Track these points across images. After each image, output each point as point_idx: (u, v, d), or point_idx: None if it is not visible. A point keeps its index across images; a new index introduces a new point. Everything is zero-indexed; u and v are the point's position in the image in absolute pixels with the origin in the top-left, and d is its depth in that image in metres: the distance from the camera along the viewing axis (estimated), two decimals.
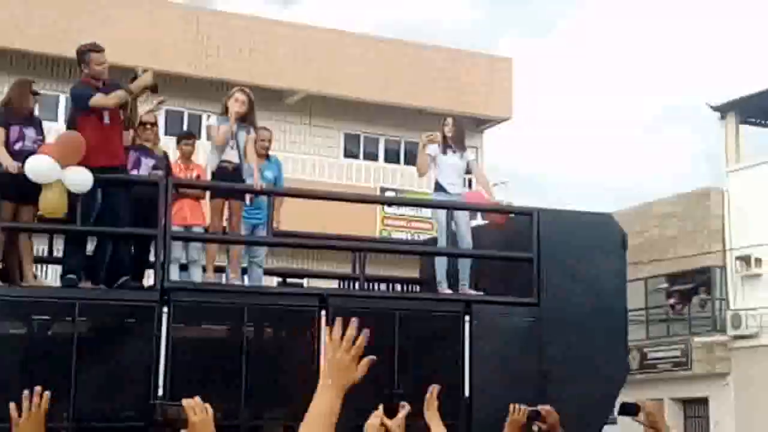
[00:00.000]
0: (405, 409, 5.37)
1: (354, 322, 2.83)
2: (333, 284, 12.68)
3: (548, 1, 77.96)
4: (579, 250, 9.52)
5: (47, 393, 3.23)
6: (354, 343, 2.83)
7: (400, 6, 70.15)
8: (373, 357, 2.94)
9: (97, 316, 8.58)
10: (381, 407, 5.08)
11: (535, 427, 6.43)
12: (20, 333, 8.62)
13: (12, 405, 3.29)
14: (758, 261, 24.14)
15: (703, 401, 25.43)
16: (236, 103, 9.47)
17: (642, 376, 25.94)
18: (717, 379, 24.92)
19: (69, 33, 14.60)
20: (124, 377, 8.18)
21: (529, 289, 9.35)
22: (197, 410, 3.43)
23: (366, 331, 2.83)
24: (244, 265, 10.00)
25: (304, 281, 14.61)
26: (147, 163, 9.25)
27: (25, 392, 3.21)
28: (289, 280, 12.37)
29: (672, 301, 26.84)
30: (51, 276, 12.37)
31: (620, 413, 6.19)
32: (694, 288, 26.39)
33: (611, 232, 9.97)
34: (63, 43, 9.32)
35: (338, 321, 2.83)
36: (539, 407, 6.48)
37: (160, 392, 8.06)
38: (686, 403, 26.08)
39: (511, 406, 6.22)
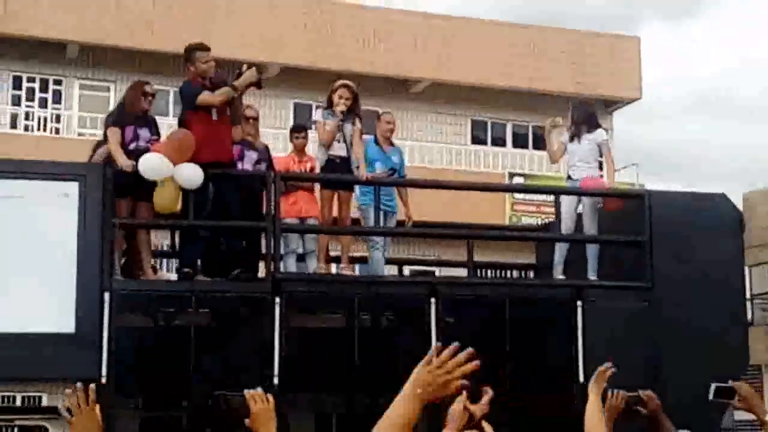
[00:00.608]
0: (488, 394, 5.36)
1: (469, 351, 2.80)
2: (453, 271, 12.68)
3: None
4: (693, 232, 9.28)
5: (92, 386, 3.28)
6: (460, 367, 2.81)
7: None
8: (467, 383, 2.91)
9: (213, 307, 8.75)
10: (465, 392, 5.10)
11: (639, 414, 6.33)
12: (141, 325, 8.85)
13: (61, 406, 3.36)
14: None
15: None
16: (341, 99, 9.47)
17: None
18: None
19: (194, 30, 14.95)
20: (239, 365, 8.30)
21: (641, 273, 9.16)
22: (258, 400, 3.52)
23: (476, 363, 2.77)
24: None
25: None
26: (251, 156, 9.34)
27: (79, 384, 3.27)
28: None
29: None
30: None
31: (715, 397, 6.00)
32: None
33: (727, 213, 9.66)
34: (188, 41, 9.48)
35: (453, 345, 2.77)
36: (640, 392, 6.36)
37: (275, 380, 8.13)
38: None
39: (610, 392, 6.15)
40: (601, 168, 15.15)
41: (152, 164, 8.25)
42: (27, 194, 8.07)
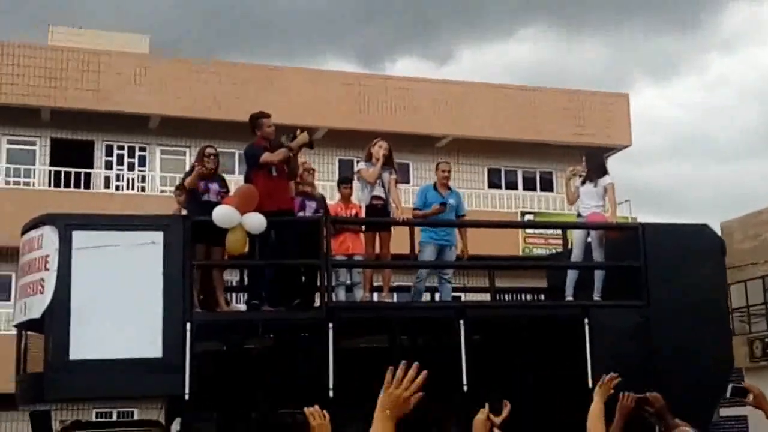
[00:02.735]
0: (507, 407, 5.28)
1: (415, 366, 2.78)
2: (477, 296, 12.57)
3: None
4: (682, 257, 9.21)
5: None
6: (413, 382, 2.79)
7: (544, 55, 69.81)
8: (422, 393, 2.78)
9: (277, 333, 8.78)
10: (487, 405, 5.03)
11: (648, 413, 6.23)
12: (217, 349, 8.89)
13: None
14: None
15: None
16: (380, 150, 9.52)
17: (765, 362, 24.68)
18: None
19: (254, 103, 15.08)
20: (299, 382, 8.28)
21: (638, 293, 9.08)
22: (316, 416, 3.47)
23: (425, 373, 2.72)
24: (430, 283, 9.93)
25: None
26: (311, 206, 9.39)
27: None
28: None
29: None
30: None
31: (731, 395, 6.00)
32: None
33: (710, 240, 9.59)
34: (249, 112, 9.58)
35: (402, 365, 2.72)
36: (647, 394, 6.27)
37: (330, 394, 8.06)
38: None
39: (621, 394, 6.06)
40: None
41: (223, 214, 8.30)
42: (121, 243, 8.15)
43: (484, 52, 70.30)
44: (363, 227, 9.75)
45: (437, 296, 10.03)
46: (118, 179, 23.66)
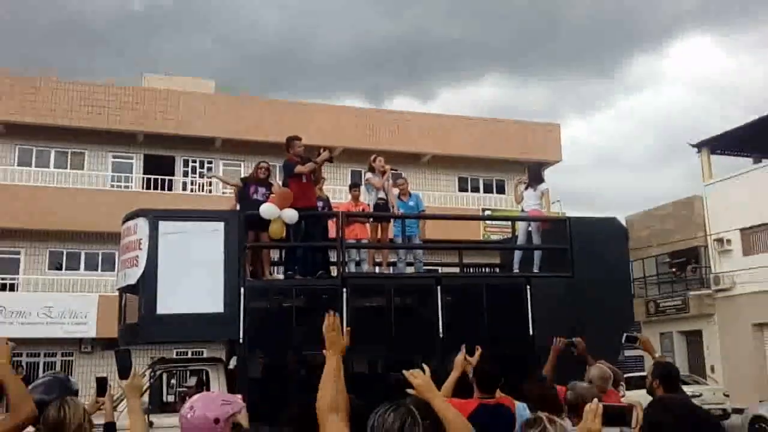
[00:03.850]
0: (479, 351, 5.20)
1: (333, 314, 2.69)
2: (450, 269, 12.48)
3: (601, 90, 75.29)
4: (596, 241, 9.11)
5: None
6: (334, 328, 2.72)
7: (499, 95, 69.48)
8: (349, 327, 2.84)
9: (305, 296, 8.70)
10: (463, 347, 4.94)
11: (573, 352, 6.21)
12: (262, 307, 8.84)
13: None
14: (728, 241, 22.80)
15: (698, 333, 23.90)
16: (382, 164, 9.50)
17: (656, 318, 24.68)
18: (706, 318, 23.42)
19: (291, 128, 15.04)
20: (321, 330, 8.23)
21: (566, 267, 9.04)
22: (329, 357, 3.36)
23: (337, 317, 2.69)
24: (410, 260, 9.90)
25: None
26: (319, 204, 9.33)
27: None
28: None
29: (674, 269, 25.55)
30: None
31: (625, 342, 5.89)
32: (687, 260, 24.99)
33: (618, 229, 9.53)
34: (286, 135, 9.53)
35: (329, 314, 2.68)
36: (573, 339, 6.24)
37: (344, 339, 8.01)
38: (687, 334, 24.54)
39: (554, 338, 6.02)
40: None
41: (267, 210, 8.32)
42: (194, 230, 8.14)
43: (458, 92, 70.11)
44: (370, 219, 9.70)
45: (412, 269, 9.91)
46: (192, 184, 23.62)
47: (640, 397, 4.03)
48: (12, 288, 20.99)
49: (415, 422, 2.38)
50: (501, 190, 26.74)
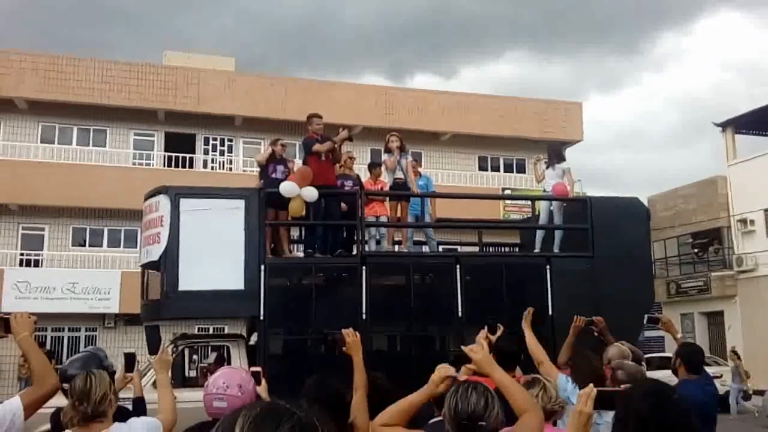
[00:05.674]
0: (500, 329, 5.21)
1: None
2: (469, 248, 12.45)
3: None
4: (618, 221, 8.98)
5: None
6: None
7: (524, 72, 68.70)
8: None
9: (325, 274, 8.70)
10: (486, 327, 4.96)
11: (593, 331, 6.18)
12: (282, 284, 8.88)
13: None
14: (752, 222, 22.59)
15: (720, 313, 23.76)
16: (394, 142, 9.42)
17: (679, 298, 24.54)
18: (728, 299, 23.27)
19: (310, 106, 15.02)
20: (342, 308, 8.21)
21: (586, 247, 8.93)
22: (350, 335, 3.47)
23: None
24: (420, 238, 9.89)
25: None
26: (348, 184, 9.32)
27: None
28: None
29: (696, 250, 25.28)
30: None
31: (647, 323, 5.89)
32: (710, 241, 24.73)
33: (639, 209, 9.35)
34: (307, 113, 9.48)
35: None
36: (593, 318, 6.21)
37: (365, 317, 8.02)
38: (709, 315, 24.38)
39: (575, 317, 5.99)
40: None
41: (288, 188, 8.24)
42: (215, 207, 8.14)
43: (479, 70, 69.49)
44: (388, 198, 9.67)
45: (424, 248, 9.86)
46: (212, 162, 23.75)
47: (663, 378, 4.02)
48: (36, 264, 21.36)
49: (495, 400, 2.41)
50: (521, 169, 26.55)
